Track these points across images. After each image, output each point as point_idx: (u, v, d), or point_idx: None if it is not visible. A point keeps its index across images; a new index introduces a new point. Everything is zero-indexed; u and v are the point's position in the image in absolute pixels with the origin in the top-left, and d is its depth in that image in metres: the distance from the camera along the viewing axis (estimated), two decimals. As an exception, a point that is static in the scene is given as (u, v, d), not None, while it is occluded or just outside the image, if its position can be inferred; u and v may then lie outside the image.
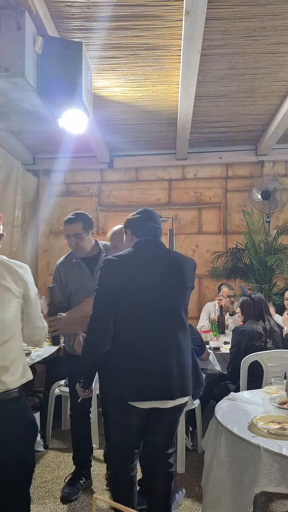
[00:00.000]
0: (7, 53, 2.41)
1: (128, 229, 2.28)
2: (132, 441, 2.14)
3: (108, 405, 2.18)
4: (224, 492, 1.84)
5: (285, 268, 5.04)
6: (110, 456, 2.23)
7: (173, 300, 2.14)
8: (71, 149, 5.17)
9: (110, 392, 2.15)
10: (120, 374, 2.05)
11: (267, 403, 2.06)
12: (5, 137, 4.84)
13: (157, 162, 5.71)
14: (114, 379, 2.08)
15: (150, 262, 2.14)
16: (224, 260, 5.47)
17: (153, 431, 2.16)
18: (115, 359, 2.07)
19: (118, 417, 2.12)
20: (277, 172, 5.54)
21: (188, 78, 3.43)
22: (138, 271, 2.10)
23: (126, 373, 2.03)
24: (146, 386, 2.01)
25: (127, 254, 2.15)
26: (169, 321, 2.10)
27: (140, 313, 2.06)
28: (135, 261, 2.12)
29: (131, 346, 2.04)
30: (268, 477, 1.64)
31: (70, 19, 2.89)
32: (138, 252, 2.16)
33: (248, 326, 3.20)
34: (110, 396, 2.16)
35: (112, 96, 3.99)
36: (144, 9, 2.78)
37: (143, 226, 2.24)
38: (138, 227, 2.25)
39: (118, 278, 2.06)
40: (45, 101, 2.75)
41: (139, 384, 2.01)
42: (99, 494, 2.78)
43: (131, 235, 2.24)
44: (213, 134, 5.13)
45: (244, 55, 3.33)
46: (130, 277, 2.07)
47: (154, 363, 2.03)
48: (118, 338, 2.07)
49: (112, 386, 2.11)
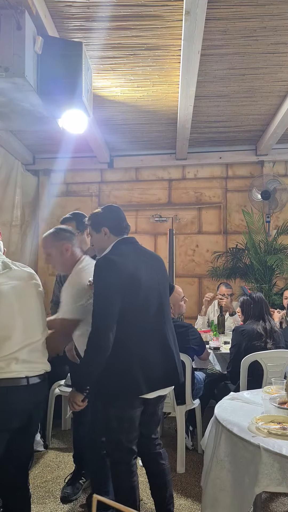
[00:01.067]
0: (7, 53, 2.42)
1: (104, 227, 2.20)
2: (135, 436, 2.16)
3: (108, 405, 2.13)
4: (223, 492, 1.84)
5: (285, 268, 5.05)
6: (113, 464, 2.19)
7: (165, 295, 2.26)
8: (71, 149, 5.17)
9: (112, 390, 2.09)
10: (129, 369, 2.04)
11: (267, 403, 2.06)
12: (5, 137, 4.84)
13: (157, 162, 5.72)
14: (120, 376, 2.05)
15: (141, 260, 2.18)
16: (224, 260, 5.47)
17: (149, 420, 2.23)
18: (121, 356, 2.04)
19: (122, 414, 2.09)
20: (277, 172, 5.54)
21: (188, 78, 3.43)
22: (136, 269, 2.12)
23: (136, 367, 2.04)
24: (156, 375, 2.09)
25: (122, 252, 2.15)
26: (165, 315, 2.21)
27: (142, 309, 2.10)
28: (131, 259, 2.14)
29: (137, 341, 2.07)
30: (268, 477, 1.64)
31: (70, 19, 2.89)
32: (127, 250, 2.17)
33: (248, 326, 3.20)
34: (110, 395, 2.12)
35: (112, 96, 3.99)
36: (144, 9, 2.78)
37: (120, 224, 2.24)
38: (116, 224, 2.22)
39: (122, 276, 2.06)
40: (45, 101, 2.75)
41: (150, 375, 2.07)
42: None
43: (109, 233, 2.20)
44: (213, 134, 5.13)
45: (244, 55, 3.33)
46: (132, 275, 2.08)
47: (160, 353, 2.12)
48: (122, 335, 2.05)
49: (116, 383, 2.06)
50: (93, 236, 2.27)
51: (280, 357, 3.00)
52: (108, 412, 2.11)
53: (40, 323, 2.02)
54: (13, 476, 1.97)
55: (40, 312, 2.04)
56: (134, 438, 2.15)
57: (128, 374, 2.03)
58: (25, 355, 1.89)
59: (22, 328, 1.91)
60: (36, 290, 2.05)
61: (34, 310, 2.00)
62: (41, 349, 2.00)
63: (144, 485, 2.87)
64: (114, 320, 2.01)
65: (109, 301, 2.02)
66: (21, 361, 1.87)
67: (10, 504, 1.97)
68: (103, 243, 2.21)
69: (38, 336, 1.98)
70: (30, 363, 1.91)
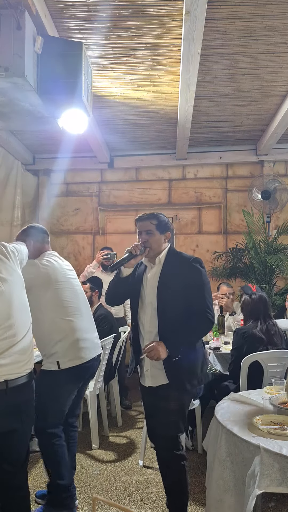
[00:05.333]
0: (7, 53, 2.42)
1: (168, 231, 2.40)
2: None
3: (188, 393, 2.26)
4: (227, 492, 1.83)
5: (285, 268, 5.04)
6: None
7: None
8: (71, 149, 5.18)
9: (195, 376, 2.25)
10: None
11: (267, 403, 2.06)
12: (5, 137, 4.84)
13: (157, 162, 5.72)
14: (201, 368, 2.28)
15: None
16: (224, 260, 5.47)
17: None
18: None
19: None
20: (277, 172, 5.54)
21: (188, 78, 3.43)
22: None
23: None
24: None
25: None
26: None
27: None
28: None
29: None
30: (269, 478, 1.63)
31: (70, 19, 2.89)
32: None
33: (249, 329, 3.18)
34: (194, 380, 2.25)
35: (112, 96, 3.99)
36: (144, 9, 2.78)
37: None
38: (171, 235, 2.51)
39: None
40: (45, 101, 2.75)
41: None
42: (99, 494, 2.78)
43: (168, 239, 2.41)
44: (213, 134, 5.13)
45: (244, 55, 3.33)
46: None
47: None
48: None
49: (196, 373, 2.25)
50: (155, 236, 2.30)
51: (280, 357, 3.00)
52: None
53: (23, 319, 1.97)
54: (10, 474, 1.96)
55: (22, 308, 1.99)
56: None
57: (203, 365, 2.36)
58: (5, 359, 1.85)
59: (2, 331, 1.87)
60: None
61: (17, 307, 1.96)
62: (25, 347, 1.95)
63: (144, 485, 2.87)
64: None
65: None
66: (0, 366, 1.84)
67: (8, 502, 1.97)
68: (160, 246, 2.31)
69: (20, 335, 1.93)
70: (10, 365, 1.87)
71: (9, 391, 1.84)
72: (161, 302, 2.21)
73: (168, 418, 2.20)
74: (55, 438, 2.44)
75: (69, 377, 2.45)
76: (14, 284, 1.95)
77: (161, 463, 2.31)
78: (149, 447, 3.39)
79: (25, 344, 1.95)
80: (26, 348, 1.95)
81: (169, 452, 2.22)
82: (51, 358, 2.46)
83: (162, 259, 2.30)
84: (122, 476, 3.02)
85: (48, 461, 2.47)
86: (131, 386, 4.65)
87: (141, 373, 2.37)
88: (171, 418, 2.20)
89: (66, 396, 2.49)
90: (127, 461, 3.26)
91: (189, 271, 2.22)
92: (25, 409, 1.97)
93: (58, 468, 2.43)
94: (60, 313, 2.46)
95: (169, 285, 2.21)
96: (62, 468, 2.43)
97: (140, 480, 2.96)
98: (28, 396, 1.97)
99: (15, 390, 1.86)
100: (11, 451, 1.94)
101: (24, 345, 1.94)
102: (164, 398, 2.21)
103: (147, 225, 2.30)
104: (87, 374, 2.59)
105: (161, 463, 2.32)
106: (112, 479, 2.97)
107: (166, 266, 2.28)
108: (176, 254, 2.33)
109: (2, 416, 1.86)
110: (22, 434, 1.99)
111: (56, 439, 2.44)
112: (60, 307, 2.46)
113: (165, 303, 2.20)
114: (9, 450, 1.93)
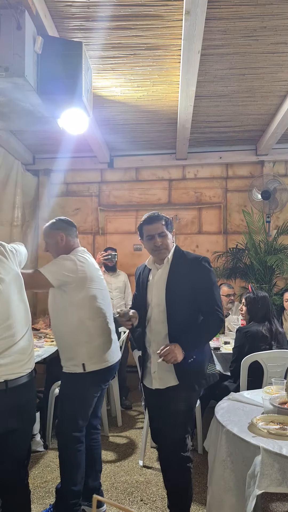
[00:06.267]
0: (7, 53, 2.41)
1: (172, 231, 2.41)
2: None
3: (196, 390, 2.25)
4: (228, 492, 1.83)
5: (285, 268, 5.05)
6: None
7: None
8: (71, 149, 5.18)
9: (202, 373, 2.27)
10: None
11: (267, 403, 2.06)
12: (5, 137, 4.84)
13: (157, 162, 5.72)
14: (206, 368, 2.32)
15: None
16: (224, 260, 5.47)
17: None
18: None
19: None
20: (277, 172, 5.54)
21: (188, 78, 3.43)
22: None
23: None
24: None
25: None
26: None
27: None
28: None
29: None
30: (269, 478, 1.63)
31: (70, 19, 2.89)
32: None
33: (252, 328, 3.18)
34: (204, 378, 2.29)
35: (112, 96, 3.99)
36: (144, 9, 2.78)
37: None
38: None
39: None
40: (45, 101, 2.75)
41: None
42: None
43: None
44: (213, 134, 5.13)
45: (244, 55, 3.33)
46: None
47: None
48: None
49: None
50: (168, 236, 2.29)
51: (281, 357, 3.00)
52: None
53: (22, 319, 1.96)
54: (11, 473, 1.96)
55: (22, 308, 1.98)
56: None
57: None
58: (4, 359, 1.85)
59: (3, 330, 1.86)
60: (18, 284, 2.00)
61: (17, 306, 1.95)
62: (25, 347, 1.94)
63: (144, 485, 2.87)
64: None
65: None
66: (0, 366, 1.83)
67: (9, 501, 1.97)
68: (170, 244, 2.30)
69: (19, 335, 1.92)
70: (9, 365, 1.86)
71: (9, 391, 1.84)
72: (170, 302, 2.19)
73: (177, 420, 2.18)
74: (79, 444, 2.39)
75: (94, 379, 2.39)
76: (12, 283, 1.94)
77: (165, 464, 2.30)
78: (149, 447, 3.39)
79: (25, 343, 1.94)
80: (26, 348, 1.94)
81: (175, 454, 2.20)
82: (75, 360, 2.37)
83: (170, 259, 2.28)
84: (122, 476, 3.02)
85: (65, 464, 2.41)
86: (131, 386, 4.65)
87: (145, 375, 2.34)
88: (180, 420, 2.19)
89: (91, 398, 2.43)
90: (127, 461, 3.26)
91: (199, 271, 2.22)
92: (26, 409, 1.97)
93: (74, 473, 2.38)
94: (90, 313, 2.39)
95: (178, 285, 2.20)
96: (78, 474, 2.39)
97: (140, 480, 2.96)
98: (28, 396, 1.97)
99: (15, 390, 1.86)
100: (11, 451, 1.94)
101: (24, 345, 1.93)
102: (173, 399, 2.18)
103: (159, 227, 2.26)
104: (111, 376, 2.53)
105: (165, 465, 2.31)
106: (112, 479, 2.97)
107: (174, 266, 2.25)
108: (182, 254, 2.31)
109: (2, 416, 1.86)
110: (23, 434, 1.98)
111: (79, 444, 2.39)
112: (90, 308, 2.40)
113: (174, 303, 2.19)
114: (9, 449, 1.93)
